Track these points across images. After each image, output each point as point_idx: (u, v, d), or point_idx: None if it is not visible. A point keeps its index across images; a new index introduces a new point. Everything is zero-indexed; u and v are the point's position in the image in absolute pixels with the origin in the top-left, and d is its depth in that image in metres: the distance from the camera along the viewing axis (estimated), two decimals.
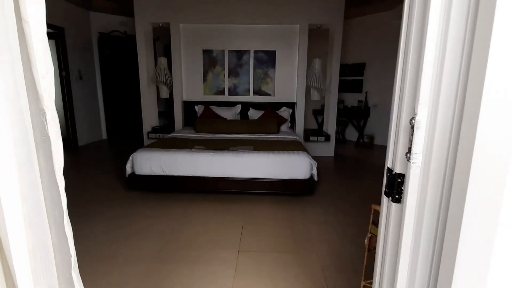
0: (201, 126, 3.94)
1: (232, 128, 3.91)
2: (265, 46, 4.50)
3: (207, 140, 3.49)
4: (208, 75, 4.61)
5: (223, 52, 4.53)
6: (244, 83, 4.64)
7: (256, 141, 3.45)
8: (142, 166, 2.82)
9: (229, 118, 4.34)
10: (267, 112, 4.26)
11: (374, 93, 5.67)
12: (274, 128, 3.91)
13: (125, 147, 5.22)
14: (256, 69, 4.57)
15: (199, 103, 4.62)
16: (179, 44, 4.47)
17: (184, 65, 4.61)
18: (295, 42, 4.49)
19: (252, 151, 2.88)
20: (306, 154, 2.84)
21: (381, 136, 5.62)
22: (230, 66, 4.57)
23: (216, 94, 4.69)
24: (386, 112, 5.51)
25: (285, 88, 4.65)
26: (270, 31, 4.46)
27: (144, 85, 4.58)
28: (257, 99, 4.68)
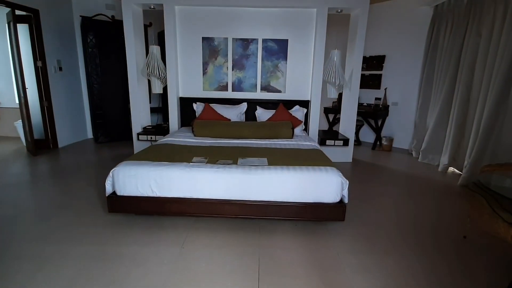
0: (201, 129, 3.30)
1: (237, 132, 3.28)
2: (275, 34, 3.84)
3: (208, 147, 2.86)
4: (209, 67, 3.95)
5: (226, 41, 3.85)
6: (251, 78, 3.98)
7: (268, 150, 2.82)
8: (125, 185, 2.19)
9: (233, 119, 3.70)
10: (280, 112, 3.62)
11: (394, 90, 5.05)
12: (288, 133, 3.28)
13: (113, 148, 4.57)
14: (264, 61, 3.92)
15: (198, 100, 3.96)
16: (174, 31, 3.79)
17: (180, 56, 3.93)
18: (311, 30, 3.83)
19: (267, 166, 2.26)
20: (335, 171, 2.23)
21: (401, 138, 5.02)
22: (234, 57, 3.91)
23: (218, 90, 4.03)
24: (407, 112, 4.90)
25: (298, 84, 4.01)
26: (282, 16, 3.78)
27: (133, 79, 3.91)
28: (265, 96, 4.04)
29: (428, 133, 4.18)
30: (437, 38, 4.21)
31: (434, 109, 4.19)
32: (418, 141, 4.56)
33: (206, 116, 3.57)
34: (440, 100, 3.97)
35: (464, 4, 3.63)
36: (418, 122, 4.59)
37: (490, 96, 3.10)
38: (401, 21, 4.75)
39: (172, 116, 3.98)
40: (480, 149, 3.18)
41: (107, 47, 4.72)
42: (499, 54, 3.01)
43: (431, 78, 4.35)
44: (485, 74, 3.23)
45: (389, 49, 4.96)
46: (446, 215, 2.59)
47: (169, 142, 3.04)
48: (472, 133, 3.39)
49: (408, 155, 4.69)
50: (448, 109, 3.90)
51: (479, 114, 3.29)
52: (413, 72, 4.75)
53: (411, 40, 4.69)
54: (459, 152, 3.73)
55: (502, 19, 3.00)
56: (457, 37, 3.70)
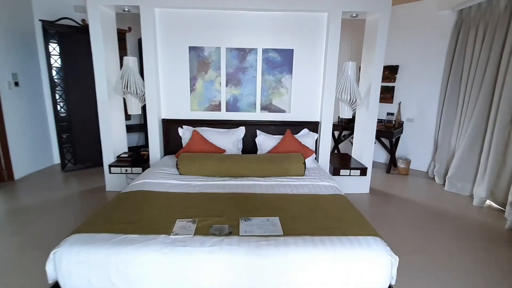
0: (188, 166, 2.56)
1: (235, 169, 2.56)
2: (278, 43, 3.17)
3: (196, 196, 2.13)
4: (198, 82, 3.24)
5: (219, 51, 3.16)
6: (248, 95, 3.29)
7: (277, 198, 2.13)
8: (71, 275, 1.45)
9: (229, 148, 2.99)
10: (287, 140, 2.92)
11: (409, 104, 4.47)
12: (300, 169, 2.58)
13: (83, 179, 3.77)
14: (265, 75, 3.23)
15: (185, 122, 3.24)
16: (154, 38, 3.07)
17: (162, 69, 3.21)
18: (321, 38, 3.17)
19: (282, 238, 1.56)
20: (380, 243, 1.56)
21: (418, 159, 4.43)
22: (228, 71, 3.21)
23: (209, 110, 3.32)
24: (425, 129, 4.33)
25: (306, 102, 3.34)
26: (286, 22, 3.12)
27: (102, 96, 3.15)
28: (266, 117, 3.35)
29: (457, 157, 3.59)
30: (463, 48, 3.64)
31: (462, 129, 3.60)
32: (441, 165, 3.96)
33: (195, 146, 2.84)
34: (472, 120, 3.38)
35: (500, 9, 3.06)
36: (441, 142, 4.00)
37: None
38: (417, 27, 4.18)
39: (153, 142, 3.24)
40: None
41: (76, 57, 3.94)
42: None
43: (455, 93, 3.77)
44: None
45: (403, 59, 4.38)
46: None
47: (146, 185, 2.30)
48: None
49: (429, 181, 4.08)
50: (482, 131, 3.31)
51: None
52: (431, 85, 4.18)
53: (429, 48, 4.12)
54: (498, 184, 3.14)
55: None
56: (493, 47, 3.13)
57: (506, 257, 2.28)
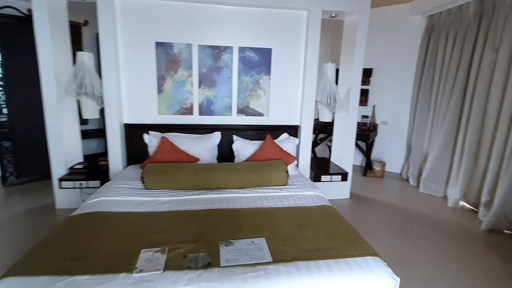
0: (155, 179, 2.22)
1: (211, 181, 2.26)
2: (256, 41, 2.94)
3: (166, 215, 1.81)
4: (166, 83, 2.89)
5: (190, 48, 2.85)
6: (224, 97, 3.02)
7: (261, 213, 1.88)
8: None
9: (203, 157, 2.68)
10: (267, 146, 2.69)
11: (383, 107, 4.51)
12: (282, 178, 2.36)
13: (28, 195, 3.20)
14: (242, 75, 2.99)
15: (152, 128, 2.87)
16: (114, 32, 2.67)
17: (124, 66, 2.81)
18: (300, 37, 3.01)
19: (272, 266, 1.32)
20: (381, 263, 1.39)
21: (393, 162, 4.47)
22: (201, 70, 2.91)
23: (180, 114, 2.98)
24: (398, 131, 4.38)
25: (285, 105, 3.15)
26: (264, 19, 2.91)
27: (50, 98, 2.67)
28: (243, 121, 3.10)
29: (430, 160, 3.64)
30: (433, 52, 3.73)
31: (435, 132, 3.67)
32: (414, 166, 4.01)
33: (163, 155, 2.49)
34: (445, 123, 3.44)
35: (470, 15, 3.15)
36: (414, 145, 4.06)
37: None
38: (390, 31, 4.23)
39: (114, 151, 2.82)
40: (509, 186, 2.65)
41: (19, 52, 3.36)
42: None
43: (427, 97, 3.85)
44: (507, 97, 2.72)
45: (376, 62, 4.41)
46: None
47: (103, 204, 1.92)
48: (492, 165, 2.86)
49: (404, 183, 4.12)
50: (454, 134, 3.38)
51: (500, 144, 2.77)
52: (404, 88, 4.24)
53: (401, 52, 4.19)
54: (470, 186, 3.21)
55: None
56: (464, 52, 3.21)
57: (489, 260, 2.27)
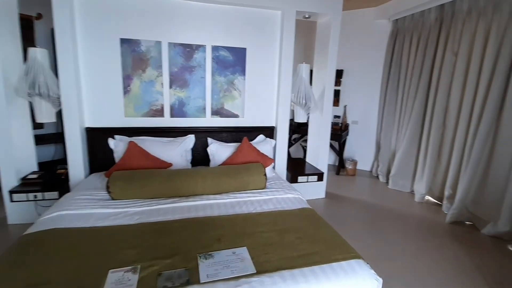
0: (123, 189, 2.02)
1: (186, 186, 2.12)
2: (230, 40, 2.84)
3: (136, 228, 1.65)
4: (133, 83, 2.68)
5: (160, 46, 2.67)
6: (197, 98, 2.88)
7: (240, 220, 1.80)
8: None
9: (176, 162, 2.52)
10: (244, 149, 2.60)
11: (354, 107, 4.65)
12: (260, 182, 2.30)
13: None
14: (216, 75, 2.87)
15: (118, 132, 2.64)
16: (72, 26, 2.41)
17: (85, 65, 2.55)
18: (275, 37, 2.97)
19: (256, 278, 1.25)
20: (363, 265, 1.39)
21: (363, 160, 4.64)
22: (172, 70, 2.75)
23: (149, 116, 2.78)
24: (368, 130, 4.55)
25: (261, 106, 3.09)
26: (239, 18, 2.82)
27: None
28: (218, 123, 2.99)
29: (398, 157, 3.82)
30: (399, 55, 3.91)
31: (402, 131, 3.85)
32: (383, 164, 4.19)
33: (132, 161, 2.30)
34: (410, 122, 3.63)
35: (431, 20, 3.34)
36: (382, 144, 4.24)
37: (476, 122, 2.79)
38: (359, 34, 4.37)
39: (74, 158, 2.54)
40: (469, 181, 2.85)
41: None
42: (483, 78, 2.70)
43: (394, 97, 4.04)
44: (465, 97, 2.92)
45: (347, 63, 4.53)
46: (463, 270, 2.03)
47: (63, 219, 1.70)
48: (453, 161, 3.07)
49: (374, 180, 4.29)
50: (419, 132, 3.58)
51: (460, 141, 2.98)
52: (373, 89, 4.42)
53: (369, 54, 4.35)
54: (435, 181, 3.42)
55: (484, 39, 2.72)
56: (426, 55, 3.40)
57: (455, 251, 2.41)
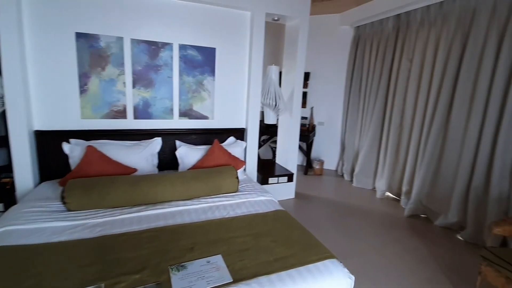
0: (81, 198, 1.83)
1: (153, 193, 1.99)
2: (199, 39, 2.75)
3: (96, 243, 1.50)
4: (91, 81, 2.45)
5: (121, 42, 2.48)
6: (163, 99, 2.73)
7: (213, 226, 1.74)
8: None
9: (142, 167, 2.36)
10: (215, 151, 2.52)
11: (320, 109, 4.81)
12: (233, 184, 2.25)
13: None
14: (184, 75, 2.76)
15: (73, 135, 2.39)
16: (19, 17, 2.12)
17: (33, 60, 2.27)
18: (245, 38, 2.94)
19: (232, 286, 1.21)
20: (337, 264, 1.42)
21: (329, 160, 4.82)
22: (136, 68, 2.57)
23: (110, 118, 2.57)
24: (333, 131, 4.75)
25: (230, 107, 3.04)
26: (208, 17, 2.74)
27: None
28: (186, 124, 2.87)
29: (361, 157, 4.03)
30: (360, 59, 4.14)
31: (364, 132, 4.08)
32: (348, 163, 4.40)
33: (91, 167, 2.09)
34: (372, 123, 3.86)
35: (389, 28, 3.59)
36: (347, 144, 4.45)
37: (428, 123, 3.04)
38: (325, 38, 4.54)
39: (21, 164, 2.25)
40: (424, 177, 3.10)
41: None
42: (434, 83, 2.96)
43: (356, 99, 4.26)
44: (419, 100, 3.18)
45: (313, 66, 4.67)
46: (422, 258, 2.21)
47: (10, 235, 1.48)
48: (409, 159, 3.32)
49: (340, 178, 4.48)
50: (380, 133, 3.82)
51: (415, 141, 3.23)
52: (337, 91, 4.62)
53: (334, 58, 4.54)
54: (393, 178, 3.67)
55: (435, 47, 2.98)
56: (385, 61, 3.64)
57: (414, 243, 2.60)
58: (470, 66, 2.65)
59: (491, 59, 2.48)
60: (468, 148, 2.69)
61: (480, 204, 2.62)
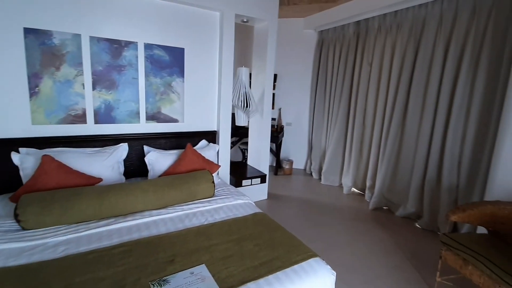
0: (38, 214, 1.61)
1: (123, 204, 1.84)
2: (166, 39, 2.62)
3: (60, 265, 1.35)
4: (43, 83, 2.19)
5: (79, 40, 2.26)
6: (128, 102, 2.55)
7: (192, 234, 1.67)
8: None
9: (106, 175, 2.16)
10: (188, 156, 2.42)
11: (288, 110, 4.93)
12: (209, 189, 2.18)
13: None
14: (151, 76, 2.60)
15: (23, 143, 2.11)
16: None
17: None
18: (214, 39, 2.88)
19: None
20: (320, 262, 1.47)
21: (298, 159, 4.96)
22: (96, 68, 2.36)
23: (67, 123, 2.32)
24: (301, 131, 4.90)
25: (201, 110, 2.96)
26: (175, 15, 2.63)
27: None
28: (155, 128, 2.72)
29: (328, 155, 4.22)
30: (325, 62, 4.33)
31: (330, 131, 4.27)
32: (315, 162, 4.57)
33: (48, 179, 1.86)
34: (337, 123, 4.06)
35: (350, 33, 3.81)
36: (314, 143, 4.61)
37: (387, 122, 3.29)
38: (291, 41, 4.65)
39: None
40: (385, 172, 3.34)
41: None
42: (392, 84, 3.22)
43: (322, 101, 4.44)
44: (379, 101, 3.43)
45: (280, 68, 4.76)
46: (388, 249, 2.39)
47: None
48: (372, 156, 3.56)
49: (309, 177, 4.64)
50: (344, 132, 4.03)
51: (377, 139, 3.47)
52: (304, 93, 4.77)
53: (301, 61, 4.68)
54: (358, 174, 3.90)
55: (391, 52, 3.24)
56: (347, 64, 3.85)
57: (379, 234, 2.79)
58: (422, 69, 2.93)
59: (439, 64, 2.77)
60: (422, 144, 2.97)
61: (434, 195, 2.90)
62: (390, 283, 2.07)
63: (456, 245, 1.79)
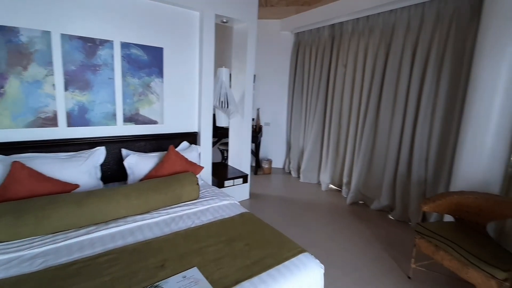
0: (11, 226, 1.49)
1: (105, 210, 1.76)
2: (143, 37, 2.53)
3: (41, 275, 1.26)
4: (9, 83, 2.02)
5: (49, 37, 2.11)
6: (104, 103, 2.43)
7: (180, 238, 1.64)
8: None
9: (83, 181, 2.04)
10: (171, 158, 2.36)
11: (265, 110, 4.98)
12: (194, 191, 2.15)
13: None
14: (128, 77, 2.50)
15: None
16: None
17: None
18: (194, 39, 2.84)
19: None
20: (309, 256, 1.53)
21: (277, 158, 5.04)
22: (68, 68, 2.22)
23: (37, 127, 2.16)
24: (279, 131, 4.99)
25: (181, 111, 2.90)
26: (154, 14, 2.55)
27: None
28: (133, 131, 2.62)
29: (306, 154, 4.34)
30: (301, 63, 4.44)
31: (308, 131, 4.40)
32: (294, 161, 4.68)
33: (20, 187, 1.72)
34: (314, 123, 4.19)
35: (325, 36, 3.95)
36: (292, 143, 4.72)
37: (362, 121, 3.47)
38: (268, 42, 4.70)
39: None
40: (360, 168, 3.52)
41: None
42: (365, 85, 3.39)
43: (300, 101, 4.56)
44: (354, 101, 3.60)
45: (258, 69, 4.79)
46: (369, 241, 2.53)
47: None
48: (348, 154, 3.73)
49: (288, 176, 4.73)
50: (322, 131, 4.17)
51: (352, 137, 3.65)
52: (282, 93, 4.85)
53: (278, 61, 4.75)
54: (335, 171, 4.06)
55: (364, 54, 3.41)
56: (323, 66, 3.99)
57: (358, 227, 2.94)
58: (392, 71, 3.13)
59: (408, 66, 2.98)
60: (394, 141, 3.17)
61: (405, 188, 3.12)
62: (371, 272, 2.19)
63: (428, 233, 1.95)
